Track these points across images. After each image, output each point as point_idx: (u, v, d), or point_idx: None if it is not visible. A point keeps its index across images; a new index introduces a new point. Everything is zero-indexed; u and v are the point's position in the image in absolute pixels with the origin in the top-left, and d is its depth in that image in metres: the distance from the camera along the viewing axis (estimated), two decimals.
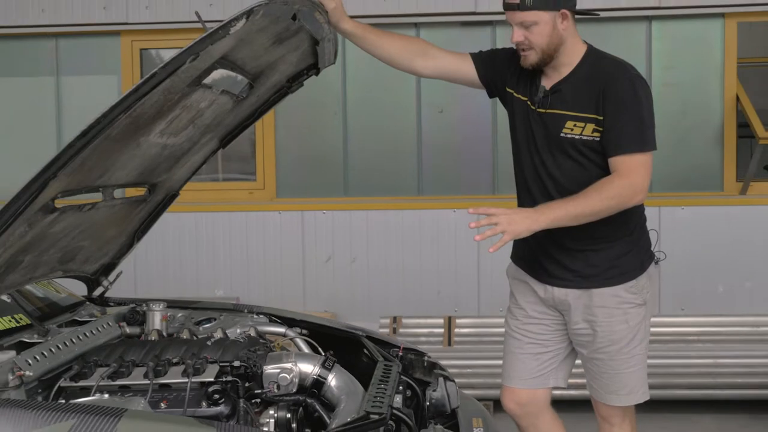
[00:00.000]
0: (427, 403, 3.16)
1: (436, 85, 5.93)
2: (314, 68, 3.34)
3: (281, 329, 3.47)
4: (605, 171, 2.97)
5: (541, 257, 3.14)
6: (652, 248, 3.18)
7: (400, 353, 3.38)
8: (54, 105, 6.67)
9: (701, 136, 6.25)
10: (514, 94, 3.14)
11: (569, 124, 2.99)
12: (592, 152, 2.99)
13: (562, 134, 3.01)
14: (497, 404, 3.54)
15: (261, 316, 3.61)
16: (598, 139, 2.96)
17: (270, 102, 3.44)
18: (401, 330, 5.66)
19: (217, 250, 6.36)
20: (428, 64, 3.23)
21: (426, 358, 3.39)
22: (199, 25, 2.75)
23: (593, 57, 3.05)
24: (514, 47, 3.07)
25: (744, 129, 6.35)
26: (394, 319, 5.81)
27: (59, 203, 2.71)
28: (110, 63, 6.60)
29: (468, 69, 3.21)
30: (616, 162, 2.92)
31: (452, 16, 6.17)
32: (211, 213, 6.38)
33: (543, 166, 3.07)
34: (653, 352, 5.26)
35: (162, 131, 2.85)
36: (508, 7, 2.98)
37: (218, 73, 2.79)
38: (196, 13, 2.78)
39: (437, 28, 6.28)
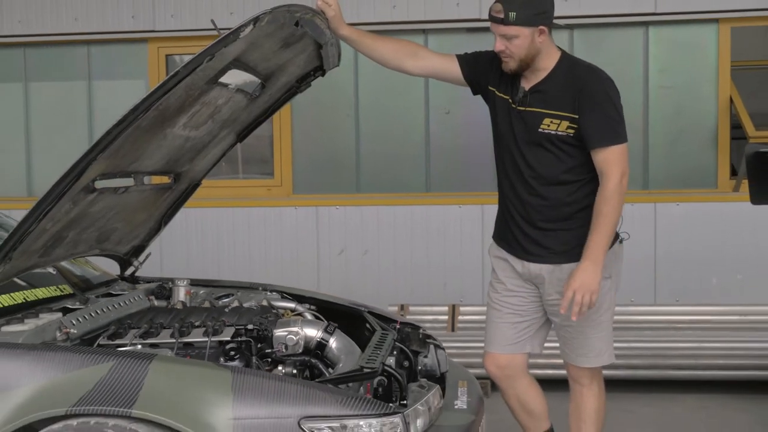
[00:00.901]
0: (419, 368, 3.53)
1: (442, 89, 6.21)
2: (320, 70, 3.74)
3: (291, 304, 3.86)
4: (573, 159, 3.34)
5: (520, 237, 3.49)
6: (617, 230, 3.49)
7: (398, 326, 3.76)
8: (86, 107, 6.98)
9: (696, 137, 6.42)
10: (496, 92, 3.48)
11: (546, 120, 3.34)
12: (565, 145, 3.34)
13: (539, 130, 3.35)
14: (495, 385, 3.86)
15: (274, 293, 4.01)
16: (572, 134, 3.32)
17: (281, 100, 3.84)
18: (408, 317, 5.99)
19: (238, 241, 6.63)
20: (417, 64, 3.58)
21: (421, 331, 3.77)
22: (215, 32, 3.14)
23: (567, 62, 3.41)
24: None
25: (737, 130, 6.56)
26: (402, 307, 6.15)
27: (98, 185, 3.13)
28: (138, 68, 6.86)
29: (453, 68, 3.55)
30: (598, 156, 3.30)
31: (458, 22, 6.39)
32: (232, 208, 6.65)
33: (521, 156, 3.41)
34: (644, 337, 5.67)
35: (185, 124, 3.26)
36: (493, 20, 3.34)
37: (233, 74, 3.18)
38: (212, 21, 3.16)
39: (444, 34, 6.53)
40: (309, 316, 3.71)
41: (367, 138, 6.70)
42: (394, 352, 3.40)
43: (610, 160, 3.30)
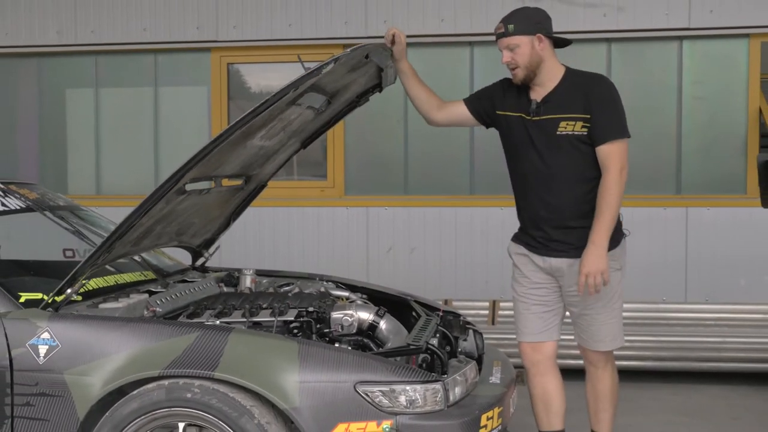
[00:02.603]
0: (459, 350, 3.95)
1: None
2: (378, 87, 4.20)
3: (345, 293, 4.30)
4: (589, 158, 3.72)
5: (544, 237, 3.86)
6: (623, 228, 3.91)
7: (441, 313, 4.18)
8: (152, 112, 7.34)
9: (727, 145, 6.61)
10: (507, 113, 3.88)
11: (563, 123, 3.74)
12: (582, 144, 3.73)
13: (558, 132, 3.74)
14: None
15: (330, 282, 4.46)
16: (586, 133, 3.71)
17: (342, 113, 4.31)
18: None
19: (293, 239, 6.98)
20: (441, 115, 4.07)
21: (461, 318, 4.19)
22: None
23: (571, 73, 3.83)
24: (507, 68, 3.84)
25: (766, 139, 6.83)
26: (445, 302, 6.50)
27: (188, 187, 3.61)
28: (201, 76, 7.20)
29: (462, 110, 4.03)
30: (602, 149, 3.69)
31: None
32: (288, 208, 6.99)
33: (542, 162, 3.79)
34: (673, 333, 6.03)
35: (262, 137, 3.74)
36: (497, 37, 3.79)
37: (306, 94, 3.65)
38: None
39: (490, 47, 6.60)
40: (367, 304, 4.06)
41: (415, 143, 6.96)
42: (437, 335, 3.82)
43: (613, 153, 3.68)
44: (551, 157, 3.77)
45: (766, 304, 6.28)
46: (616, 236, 3.84)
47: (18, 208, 3.97)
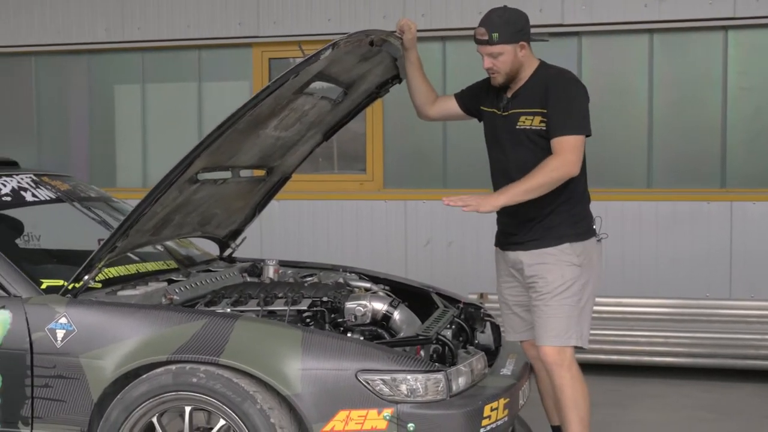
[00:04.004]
0: (476, 342, 3.96)
1: None
2: (397, 78, 4.22)
3: (367, 284, 4.33)
4: (546, 153, 3.69)
5: (506, 229, 3.93)
6: (595, 227, 3.86)
7: (461, 305, 4.20)
8: (196, 107, 7.50)
9: None
10: (485, 109, 3.93)
11: (522, 118, 3.75)
12: (540, 139, 3.72)
13: (517, 127, 3.76)
14: None
15: (353, 273, 4.50)
16: (544, 128, 3.70)
17: (363, 104, 4.34)
18: (486, 304, 6.35)
19: (331, 231, 7.06)
20: (434, 110, 4.12)
21: (482, 311, 4.20)
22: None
23: (542, 68, 3.81)
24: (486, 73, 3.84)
25: None
26: (481, 295, 6.51)
27: (200, 177, 3.68)
28: (243, 71, 7.31)
29: (453, 106, 4.08)
30: (554, 143, 3.66)
31: (540, 27, 6.50)
32: (327, 201, 7.07)
33: (505, 155, 3.82)
34: (710, 328, 5.93)
35: (275, 126, 3.78)
36: (478, 42, 3.74)
37: (317, 84, 3.69)
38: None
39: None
40: (382, 295, 4.08)
41: (454, 135, 6.96)
42: (452, 326, 3.84)
43: (563, 146, 3.64)
44: (513, 151, 3.80)
45: None
46: (579, 231, 3.80)
47: (48, 198, 4.09)
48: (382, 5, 6.95)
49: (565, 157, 3.64)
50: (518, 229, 3.84)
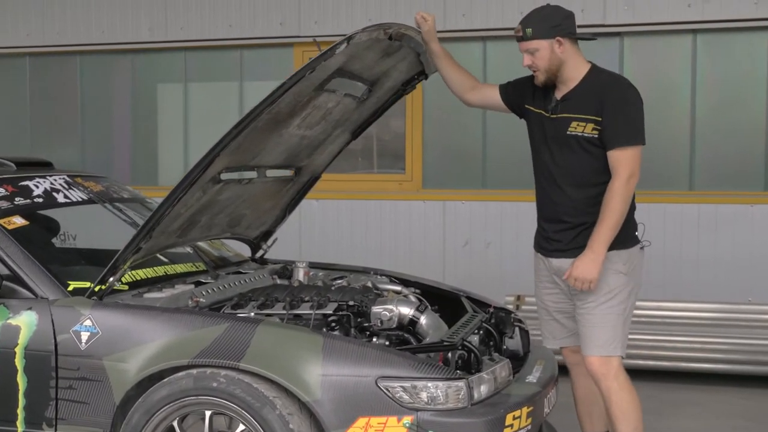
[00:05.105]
0: (504, 347, 3.91)
1: None
2: (423, 74, 4.18)
3: (398, 287, 4.29)
4: (598, 161, 3.63)
5: (549, 235, 3.82)
6: (639, 236, 3.78)
7: (491, 310, 4.15)
8: (237, 106, 7.54)
9: None
10: (531, 108, 3.84)
11: (573, 124, 3.66)
12: (591, 146, 3.64)
13: (568, 132, 3.68)
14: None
15: (383, 276, 4.47)
16: (596, 136, 3.63)
17: (389, 101, 4.29)
18: (523, 307, 6.31)
19: (370, 232, 7.07)
20: (474, 96, 4.03)
21: (513, 315, 4.14)
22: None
23: (595, 73, 3.72)
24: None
25: None
26: (518, 297, 6.47)
27: (224, 176, 3.68)
28: (284, 70, 7.15)
29: (496, 96, 3.97)
30: (612, 155, 3.60)
31: (582, 27, 6.50)
32: (366, 200, 7.08)
33: (553, 159, 3.74)
34: (751, 333, 5.80)
35: (298, 125, 3.76)
36: (517, 40, 3.71)
37: (339, 81, 3.65)
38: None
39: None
40: (413, 299, 4.06)
41: (493, 136, 6.97)
42: (480, 332, 3.79)
43: (621, 159, 3.58)
44: (561, 156, 3.72)
45: None
46: (624, 239, 3.72)
47: (79, 200, 4.13)
48: (423, 5, 6.90)
49: (624, 174, 3.58)
50: (563, 236, 3.76)
